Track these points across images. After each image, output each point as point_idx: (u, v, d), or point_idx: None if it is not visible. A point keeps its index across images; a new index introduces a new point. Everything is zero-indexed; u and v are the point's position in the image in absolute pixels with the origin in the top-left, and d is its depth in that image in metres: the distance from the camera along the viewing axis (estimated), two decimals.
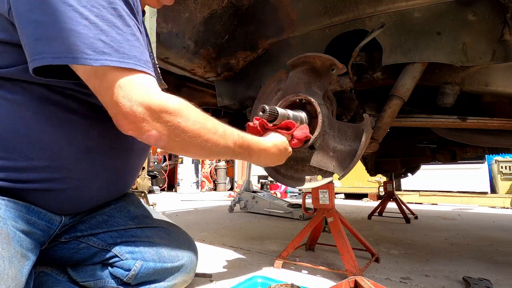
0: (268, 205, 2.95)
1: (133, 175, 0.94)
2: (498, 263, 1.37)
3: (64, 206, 0.76)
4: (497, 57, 0.95)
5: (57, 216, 0.77)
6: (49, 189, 0.70)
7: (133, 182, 0.98)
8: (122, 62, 0.62)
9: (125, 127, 0.66)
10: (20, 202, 0.67)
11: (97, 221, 0.86)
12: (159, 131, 0.66)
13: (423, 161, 2.57)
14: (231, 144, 0.79)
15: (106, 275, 0.85)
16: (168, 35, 1.32)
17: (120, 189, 0.92)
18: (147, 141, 0.68)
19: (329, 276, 1.18)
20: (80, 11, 0.58)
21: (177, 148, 0.73)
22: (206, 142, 0.73)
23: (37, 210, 0.71)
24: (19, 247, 0.62)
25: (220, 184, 8.10)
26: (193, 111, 0.71)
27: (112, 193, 0.89)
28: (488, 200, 4.00)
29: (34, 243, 0.70)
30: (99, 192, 0.81)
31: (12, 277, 0.57)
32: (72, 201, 0.76)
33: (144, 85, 0.65)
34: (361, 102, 1.35)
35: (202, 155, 0.78)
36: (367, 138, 0.94)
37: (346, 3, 1.14)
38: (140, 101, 0.63)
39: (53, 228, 0.77)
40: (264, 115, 0.86)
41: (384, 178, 3.86)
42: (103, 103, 0.66)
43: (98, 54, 0.59)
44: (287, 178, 1.12)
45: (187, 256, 0.91)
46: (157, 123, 0.65)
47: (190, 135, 0.69)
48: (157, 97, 0.65)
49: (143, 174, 3.84)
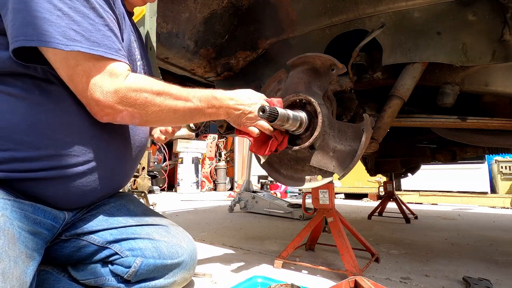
0: (268, 205, 2.95)
1: (132, 166, 0.96)
2: (498, 263, 1.37)
3: (71, 197, 0.77)
4: (497, 57, 0.95)
5: (60, 213, 0.77)
6: (58, 177, 0.72)
7: (132, 173, 1.00)
8: (92, 50, 0.66)
9: (99, 113, 0.72)
10: (26, 202, 0.68)
11: (97, 219, 0.87)
12: (131, 112, 0.72)
13: (423, 161, 2.57)
14: (197, 102, 0.83)
15: (106, 273, 0.86)
16: (168, 35, 1.32)
17: (120, 180, 0.93)
18: (123, 122, 0.74)
19: (329, 276, 1.18)
20: (54, 3, 0.63)
21: (153, 120, 0.79)
22: (175, 107, 0.78)
23: (43, 209, 0.72)
24: (24, 247, 0.63)
25: (220, 184, 8.10)
26: (157, 84, 0.76)
27: (114, 183, 0.89)
28: (488, 200, 4.00)
29: (40, 242, 0.71)
30: (103, 182, 0.82)
31: (16, 277, 0.57)
32: (79, 190, 0.77)
33: (113, 72, 0.69)
34: (361, 102, 1.35)
35: (177, 121, 0.83)
36: (367, 138, 0.94)
37: (346, 3, 1.14)
38: (109, 88, 0.68)
39: (57, 226, 0.78)
40: (264, 115, 0.86)
41: (384, 178, 3.86)
42: (76, 93, 0.70)
43: (69, 40, 0.64)
44: (287, 178, 1.12)
45: (187, 253, 0.91)
46: (127, 106, 0.71)
47: (159, 106, 0.75)
48: (125, 82, 0.70)
49: (143, 174, 3.84)
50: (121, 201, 0.95)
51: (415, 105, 1.48)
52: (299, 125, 1.00)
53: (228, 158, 8.76)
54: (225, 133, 2.11)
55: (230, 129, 2.09)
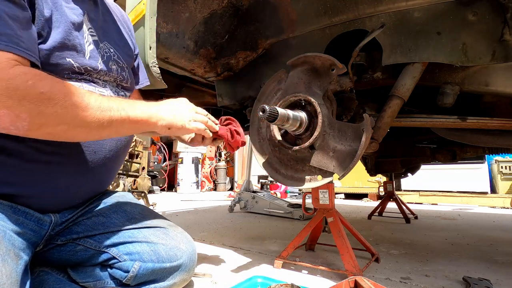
0: (268, 205, 2.95)
1: (108, 168, 0.88)
2: (498, 263, 1.37)
3: (44, 203, 0.75)
4: (497, 57, 0.95)
5: (46, 216, 0.76)
6: (20, 185, 0.70)
7: (111, 174, 0.93)
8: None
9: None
10: (5, 202, 0.67)
11: (93, 222, 0.86)
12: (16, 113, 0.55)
13: (423, 161, 2.57)
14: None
15: (105, 276, 0.85)
16: (168, 35, 1.32)
17: (96, 180, 0.88)
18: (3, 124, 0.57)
19: (329, 276, 1.18)
20: None
21: (42, 132, 0.61)
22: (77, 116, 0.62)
23: (23, 211, 0.71)
24: (11, 245, 0.62)
25: (220, 184, 8.10)
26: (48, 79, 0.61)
27: (90, 185, 0.85)
28: (488, 200, 4.00)
29: (25, 243, 0.69)
30: (71, 184, 0.79)
31: (6, 274, 0.56)
32: (48, 195, 0.75)
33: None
34: (361, 102, 1.35)
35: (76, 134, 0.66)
36: (367, 138, 0.94)
37: (346, 3, 1.14)
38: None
39: (45, 229, 0.77)
40: (264, 115, 0.86)
41: (384, 178, 3.86)
42: None
43: None
44: (287, 178, 1.12)
45: (185, 255, 0.90)
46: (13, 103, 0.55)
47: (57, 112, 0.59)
48: (6, 74, 0.56)
49: (143, 174, 3.83)
50: (117, 202, 0.94)
51: (415, 105, 1.48)
52: (299, 125, 1.00)
53: (228, 158, 8.76)
54: None
55: None
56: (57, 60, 0.72)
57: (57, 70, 0.71)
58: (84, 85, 0.79)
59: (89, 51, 0.82)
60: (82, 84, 0.79)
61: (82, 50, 0.79)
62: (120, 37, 0.99)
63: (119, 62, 0.93)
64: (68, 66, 0.74)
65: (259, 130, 1.22)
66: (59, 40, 0.72)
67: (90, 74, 0.82)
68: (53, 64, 0.71)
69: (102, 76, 0.86)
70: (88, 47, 0.82)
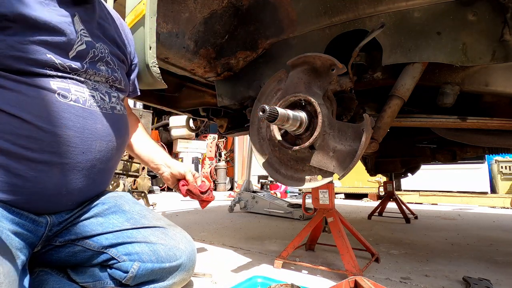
0: (268, 205, 2.95)
1: (100, 170, 0.87)
2: (498, 263, 1.37)
3: (36, 205, 0.75)
4: (497, 57, 0.95)
5: (41, 217, 0.76)
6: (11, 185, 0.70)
7: (108, 174, 0.93)
8: None
9: None
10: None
11: (91, 223, 0.86)
12: None
13: (423, 161, 2.57)
14: None
15: (105, 277, 0.85)
16: (168, 35, 1.32)
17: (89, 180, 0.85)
18: None
19: (329, 276, 1.18)
20: None
21: None
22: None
23: (17, 212, 0.71)
24: (8, 245, 0.62)
25: (220, 184, 8.10)
26: None
27: (79, 181, 0.83)
28: (488, 200, 4.00)
29: (23, 243, 0.69)
30: (64, 179, 0.77)
31: (4, 273, 0.56)
32: (37, 196, 0.74)
33: None
34: (361, 102, 1.35)
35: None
36: (367, 138, 0.94)
37: (346, 3, 1.14)
38: None
39: (41, 230, 0.76)
40: (264, 115, 0.86)
41: (384, 178, 3.86)
42: None
43: None
44: (287, 178, 1.12)
45: (185, 255, 0.90)
46: None
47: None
48: None
49: (143, 174, 3.84)
50: (116, 202, 0.93)
51: (415, 105, 1.48)
52: (299, 125, 1.00)
53: (228, 158, 8.76)
54: (225, 133, 2.12)
55: (231, 129, 2.10)
56: (37, 56, 0.73)
57: (36, 65, 0.73)
58: (72, 86, 0.79)
59: (76, 50, 0.82)
60: (69, 85, 0.79)
61: (66, 48, 0.79)
62: (114, 41, 1.00)
63: (110, 63, 0.93)
64: (50, 63, 0.75)
65: (259, 130, 1.22)
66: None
67: (78, 74, 0.82)
68: (32, 59, 0.72)
69: (92, 76, 0.86)
70: (79, 46, 0.82)
